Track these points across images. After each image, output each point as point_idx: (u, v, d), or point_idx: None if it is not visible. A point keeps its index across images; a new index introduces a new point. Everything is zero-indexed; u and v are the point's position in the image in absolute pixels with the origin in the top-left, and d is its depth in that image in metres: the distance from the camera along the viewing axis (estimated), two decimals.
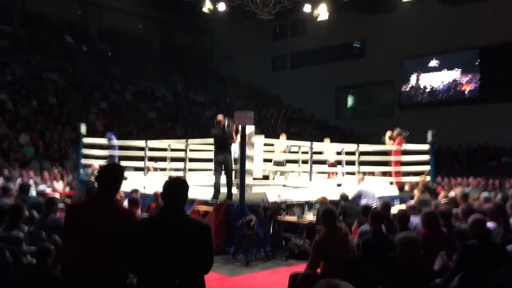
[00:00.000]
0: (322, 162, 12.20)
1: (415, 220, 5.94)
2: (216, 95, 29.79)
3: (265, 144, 12.64)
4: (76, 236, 2.84)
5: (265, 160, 13.05)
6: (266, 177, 13.82)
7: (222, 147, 8.73)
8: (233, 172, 9.12)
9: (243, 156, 8.62)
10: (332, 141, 12.68)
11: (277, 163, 10.99)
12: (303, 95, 28.78)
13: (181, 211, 2.86)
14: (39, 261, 4.24)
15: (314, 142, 10.90)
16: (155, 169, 13.72)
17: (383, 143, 12.25)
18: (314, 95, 28.23)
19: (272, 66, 32.66)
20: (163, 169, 13.51)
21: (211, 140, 9.29)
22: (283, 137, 11.19)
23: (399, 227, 5.09)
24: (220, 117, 8.90)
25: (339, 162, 11.92)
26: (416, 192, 9.68)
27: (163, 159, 12.60)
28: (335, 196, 9.62)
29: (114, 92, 24.85)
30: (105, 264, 2.76)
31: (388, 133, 12.34)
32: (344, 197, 8.71)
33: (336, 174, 12.05)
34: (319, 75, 28.34)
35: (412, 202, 8.16)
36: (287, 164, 11.55)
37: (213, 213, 8.16)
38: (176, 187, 2.89)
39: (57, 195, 11.14)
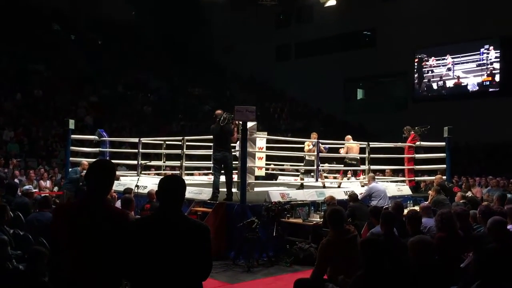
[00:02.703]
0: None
1: (429, 222, 5.94)
2: (215, 88, 29.79)
3: (294, 143, 12.76)
4: (64, 240, 2.84)
5: (269, 158, 13.19)
6: (270, 176, 13.92)
7: (220, 144, 8.73)
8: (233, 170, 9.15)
9: (243, 154, 8.63)
10: (339, 138, 12.69)
11: (309, 163, 11.03)
12: (309, 88, 28.76)
13: (178, 212, 2.86)
14: (29, 267, 4.20)
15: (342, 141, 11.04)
16: (150, 168, 13.74)
17: (405, 139, 12.23)
18: (320, 88, 28.21)
19: (276, 56, 32.63)
20: (158, 168, 13.55)
21: (210, 137, 9.29)
22: (314, 136, 11.22)
23: (410, 229, 5.09)
24: (219, 112, 8.89)
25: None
26: (430, 193, 9.68)
27: (158, 156, 12.61)
28: (343, 196, 9.63)
29: (105, 85, 24.87)
30: (97, 270, 2.77)
31: (404, 131, 12.32)
32: (353, 197, 8.71)
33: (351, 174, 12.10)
34: (326, 66, 28.30)
35: (426, 203, 8.15)
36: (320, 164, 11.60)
37: (212, 215, 8.17)
38: (172, 186, 2.89)
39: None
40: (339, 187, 11.30)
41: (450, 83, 25.24)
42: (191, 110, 26.12)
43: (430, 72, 25.92)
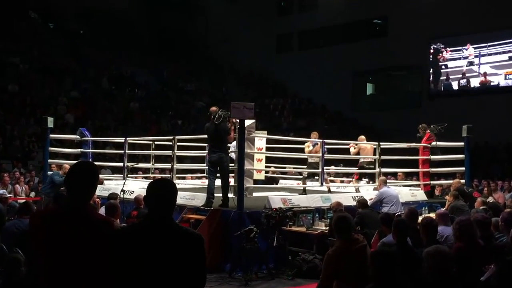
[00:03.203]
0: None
1: (446, 230, 5.95)
2: (210, 82, 29.81)
3: (296, 143, 12.76)
4: (42, 251, 2.84)
5: (269, 160, 13.19)
6: (270, 180, 13.91)
7: (216, 144, 8.73)
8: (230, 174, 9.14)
9: (241, 155, 8.63)
10: (346, 137, 12.70)
11: (311, 166, 11.05)
12: (313, 83, 28.78)
13: (169, 219, 2.86)
14: (5, 278, 4.21)
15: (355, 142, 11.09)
16: (137, 171, 13.72)
17: (420, 139, 12.23)
18: (326, 83, 28.22)
19: (277, 48, 32.64)
20: (146, 171, 13.53)
21: (204, 136, 9.28)
22: (314, 135, 11.24)
23: (424, 238, 5.09)
24: (214, 109, 8.90)
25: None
26: (448, 198, 9.69)
27: (146, 158, 12.60)
28: (351, 202, 9.64)
29: (88, 79, 24.86)
30: (77, 283, 2.76)
31: (419, 129, 12.32)
32: (362, 203, 8.71)
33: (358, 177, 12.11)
34: (333, 59, 28.31)
35: (443, 209, 8.15)
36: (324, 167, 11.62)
37: (206, 223, 8.17)
38: (162, 191, 2.88)
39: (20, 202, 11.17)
40: (357, 191, 11.32)
41: (469, 78, 25.07)
42: (183, 107, 26.13)
43: (447, 65, 25.85)
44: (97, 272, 2.78)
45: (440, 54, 26.01)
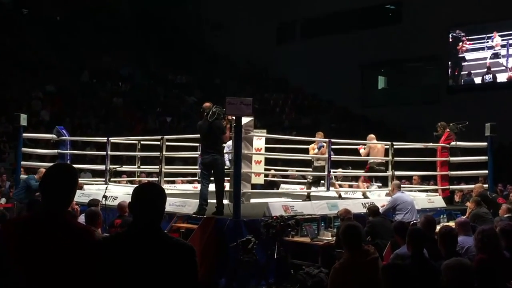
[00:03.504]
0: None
1: (467, 241, 5.95)
2: (203, 75, 29.81)
3: (299, 143, 12.78)
4: (16, 264, 2.83)
5: (269, 162, 13.20)
6: (270, 185, 13.92)
7: (209, 145, 8.74)
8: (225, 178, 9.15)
9: (238, 157, 8.64)
10: (355, 136, 12.72)
11: (317, 170, 11.05)
12: (318, 76, 28.79)
13: (156, 229, 2.86)
14: None
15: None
16: (121, 174, 13.72)
17: (438, 138, 12.24)
18: (333, 76, 28.23)
19: (277, 37, 32.67)
20: (131, 174, 13.53)
21: (196, 136, 9.28)
22: (319, 135, 11.24)
23: (443, 249, 5.10)
24: (207, 105, 8.90)
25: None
26: (469, 205, 9.70)
27: (131, 160, 12.60)
28: (361, 209, 9.64)
29: (66, 71, 24.84)
30: None
31: (438, 127, 12.33)
32: (373, 210, 8.72)
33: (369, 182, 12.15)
34: (340, 48, 28.33)
35: (463, 217, 8.16)
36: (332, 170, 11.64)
37: (198, 233, 8.17)
38: (149, 197, 2.88)
39: None
40: (364, 196, 11.34)
41: (493, 70, 25.03)
42: (172, 103, 26.13)
43: (469, 55, 25.80)
44: (77, 286, 2.78)
45: (461, 43, 25.98)
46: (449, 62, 26.43)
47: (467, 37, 25.78)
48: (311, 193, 11.23)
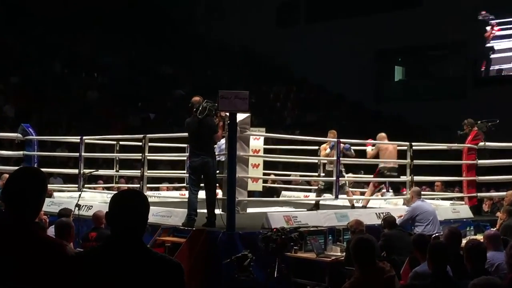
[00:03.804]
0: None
1: (497, 256, 5.96)
2: (193, 65, 29.77)
3: (304, 143, 12.76)
4: None
5: (269, 166, 13.18)
6: (270, 192, 13.92)
7: (199, 145, 8.74)
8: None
9: (232, 159, 8.64)
10: (369, 135, 12.72)
11: (329, 174, 11.06)
12: (326, 65, 28.80)
13: (138, 243, 2.86)
14: None
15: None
16: (96, 179, 13.70)
17: (462, 139, 12.25)
18: (342, 65, 28.25)
19: (278, 20, 32.65)
20: (109, 179, 13.51)
21: (184, 135, 9.28)
22: (332, 134, 11.22)
23: (470, 266, 5.11)
24: (196, 99, 8.90)
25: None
26: (500, 215, 9.71)
27: (109, 163, 12.59)
28: (375, 220, 9.65)
29: (33, 60, 24.80)
30: None
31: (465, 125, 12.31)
32: (389, 221, 8.73)
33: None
34: (351, 34, 28.35)
35: (493, 230, 8.17)
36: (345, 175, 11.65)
37: (186, 247, 8.17)
38: (129, 206, 2.88)
39: None
40: (364, 206, 11.35)
41: None
42: (156, 97, 26.09)
43: (499, 43, 25.81)
44: None
45: (490, 29, 26.00)
46: (477, 50, 26.44)
47: (497, 22, 25.80)
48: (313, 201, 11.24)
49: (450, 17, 25.75)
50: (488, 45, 26.04)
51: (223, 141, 9.96)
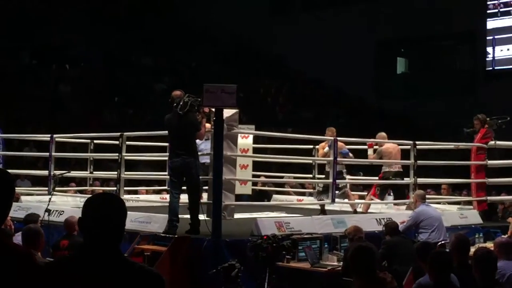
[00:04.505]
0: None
1: (509, 266, 6.00)
2: (175, 56, 29.71)
3: (298, 142, 12.76)
4: None
5: (259, 167, 13.18)
6: (260, 195, 13.93)
7: (180, 144, 8.74)
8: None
9: (218, 160, 8.64)
10: (369, 133, 12.76)
11: (329, 176, 11.08)
12: (322, 57, 28.83)
13: (114, 252, 2.86)
14: None
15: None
16: (68, 182, 13.67)
17: (470, 138, 12.28)
18: (340, 57, 28.29)
19: (271, 8, 32.63)
20: (82, 182, 13.48)
21: (164, 133, 9.28)
22: (330, 132, 11.22)
23: (479, 276, 5.14)
24: (177, 93, 8.89)
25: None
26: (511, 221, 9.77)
27: (82, 164, 12.55)
28: (376, 226, 9.68)
29: None
30: None
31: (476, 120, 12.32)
32: (391, 227, 8.76)
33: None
34: (350, 23, 28.40)
35: (505, 237, 8.22)
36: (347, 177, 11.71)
37: (168, 257, 8.17)
38: (105, 211, 2.87)
39: None
40: (366, 211, 11.39)
41: None
42: (135, 91, 26.04)
43: (506, 38, 25.82)
44: None
45: (503, 17, 26.06)
46: (487, 41, 26.49)
47: (506, 10, 25.89)
48: (310, 206, 11.26)
49: (458, 4, 25.82)
50: (500, 32, 26.08)
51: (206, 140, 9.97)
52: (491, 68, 26.47)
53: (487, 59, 26.49)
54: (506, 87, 24.43)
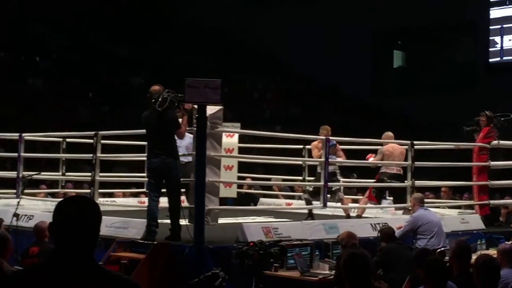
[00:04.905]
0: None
1: None
2: (154, 48, 29.68)
3: (287, 142, 12.71)
4: None
5: (245, 168, 13.18)
6: (246, 199, 13.94)
7: (159, 144, 8.74)
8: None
9: (200, 160, 8.65)
10: (365, 132, 12.79)
11: (319, 177, 11.08)
12: (315, 51, 28.86)
13: (88, 260, 2.86)
14: None
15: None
16: (38, 184, 13.63)
17: (470, 136, 12.32)
18: (335, 51, 28.33)
19: None
20: (53, 184, 13.45)
21: (141, 131, 9.26)
22: (324, 131, 11.20)
23: (480, 284, 5.16)
24: (156, 88, 8.88)
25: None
26: None
27: (53, 165, 12.51)
28: (371, 232, 9.71)
29: None
30: None
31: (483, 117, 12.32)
32: (386, 233, 8.79)
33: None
34: (344, 14, 28.44)
35: (508, 243, 8.26)
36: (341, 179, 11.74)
37: (146, 265, 8.17)
38: (78, 216, 2.87)
39: None
40: (360, 215, 11.40)
41: None
42: (112, 85, 26.00)
43: (509, 30, 25.91)
44: None
45: (505, 7, 26.17)
46: (490, 33, 26.59)
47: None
48: (300, 210, 11.28)
49: None
50: (504, 23, 26.16)
51: (187, 139, 9.96)
52: (498, 59, 26.44)
53: (492, 49, 26.52)
54: (508, 82, 24.48)
